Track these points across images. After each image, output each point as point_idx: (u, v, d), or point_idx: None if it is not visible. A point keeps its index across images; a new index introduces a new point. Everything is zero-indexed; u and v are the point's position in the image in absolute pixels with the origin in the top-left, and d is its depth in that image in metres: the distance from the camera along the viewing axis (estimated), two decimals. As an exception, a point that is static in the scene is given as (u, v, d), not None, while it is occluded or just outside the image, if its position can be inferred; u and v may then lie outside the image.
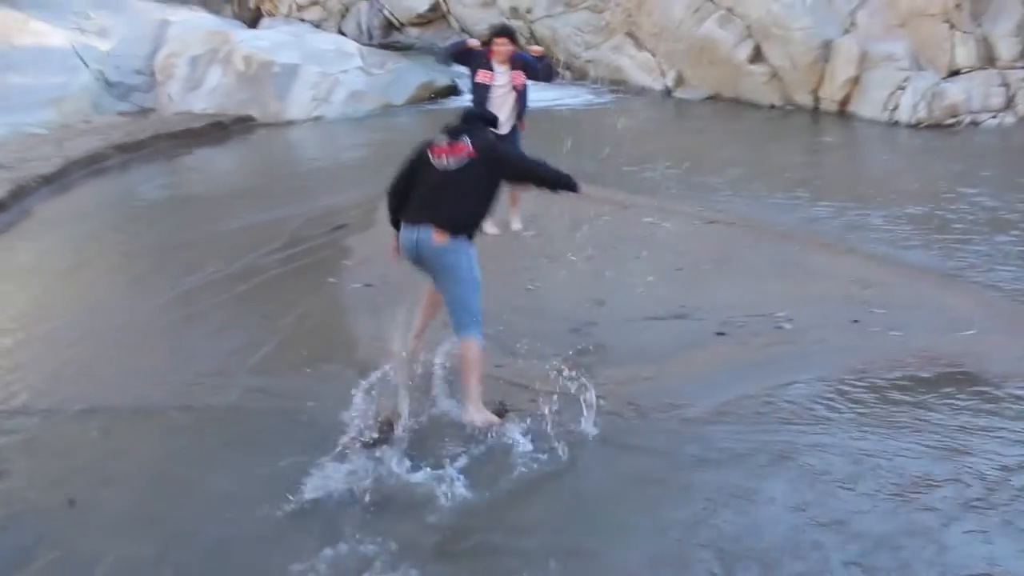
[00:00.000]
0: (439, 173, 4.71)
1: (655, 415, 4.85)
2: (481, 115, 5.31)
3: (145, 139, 12.62)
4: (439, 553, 3.84)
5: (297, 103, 14.61)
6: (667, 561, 3.74)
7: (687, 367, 5.40)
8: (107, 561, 3.84)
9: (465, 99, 12.93)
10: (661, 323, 6.04)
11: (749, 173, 10.37)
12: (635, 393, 5.06)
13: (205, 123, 13.69)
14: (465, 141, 4.76)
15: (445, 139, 4.80)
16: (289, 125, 14.36)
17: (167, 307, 6.89)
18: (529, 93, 7.70)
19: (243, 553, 3.90)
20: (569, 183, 4.86)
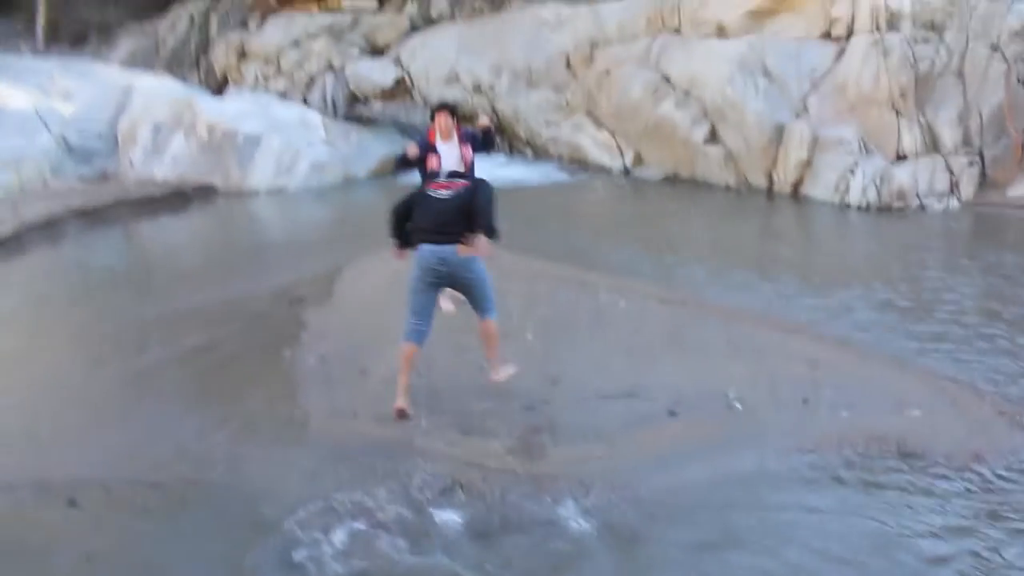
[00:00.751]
0: (440, 202, 5.80)
1: (606, 495, 4.85)
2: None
3: (104, 206, 12.58)
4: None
5: (259, 173, 14.66)
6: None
7: (639, 447, 5.43)
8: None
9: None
10: (614, 402, 6.08)
11: (704, 253, 10.59)
12: (588, 472, 5.06)
13: (166, 191, 13.70)
14: (459, 180, 6.01)
15: (443, 178, 6.05)
16: (251, 195, 14.39)
17: (121, 380, 6.78)
18: (496, 170, 7.81)
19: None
20: (493, 229, 5.78)
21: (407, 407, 5.82)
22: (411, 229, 5.87)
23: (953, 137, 13.81)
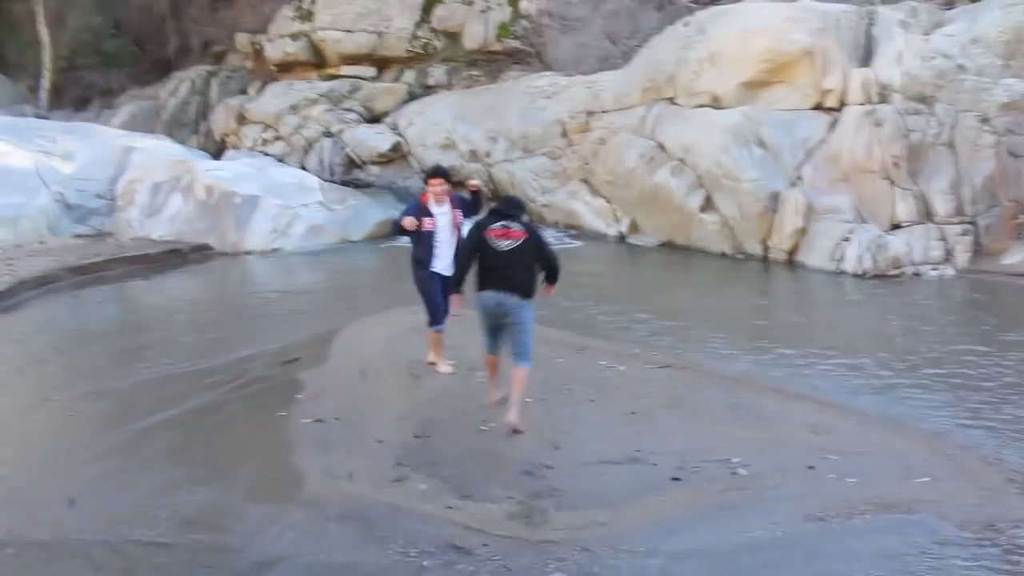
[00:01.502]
0: (502, 254, 6.39)
1: (609, 562, 4.72)
2: (515, 202, 6.92)
3: (100, 263, 12.57)
4: None
5: (256, 234, 14.70)
6: None
7: (643, 513, 5.31)
8: None
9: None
10: (616, 467, 5.97)
11: (701, 319, 10.54)
12: (590, 539, 4.93)
13: (162, 250, 13.70)
14: (517, 227, 6.48)
15: (500, 225, 6.48)
16: (246, 256, 14.39)
17: (119, 441, 6.64)
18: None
19: None
20: (556, 279, 6.59)
21: (499, 398, 6.77)
22: (483, 268, 6.51)
23: (946, 206, 13.93)
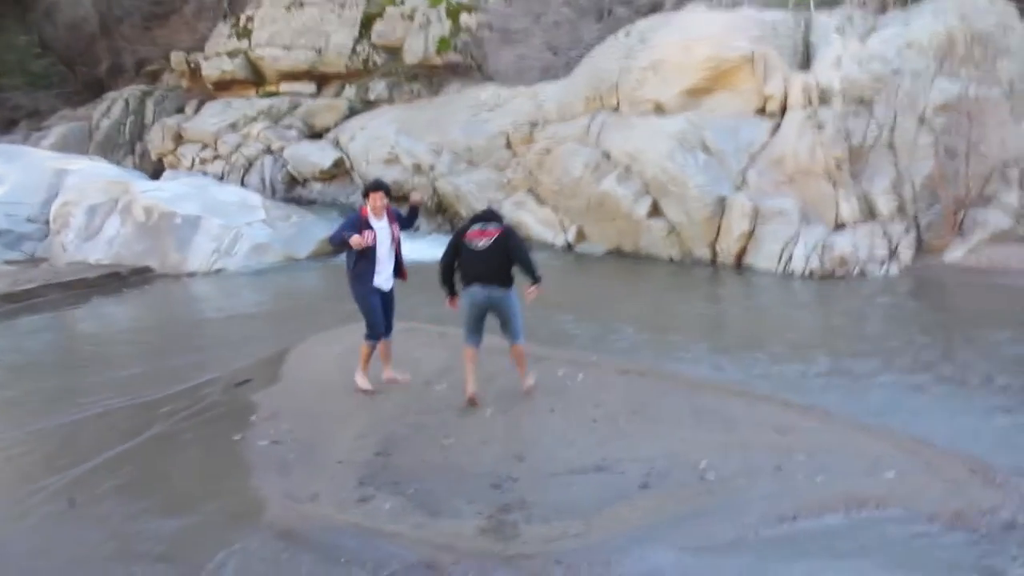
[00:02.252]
0: (480, 253, 7.01)
1: (587, 573, 4.59)
2: (492, 210, 7.51)
3: (34, 288, 12.10)
4: None
5: (198, 255, 14.34)
6: None
7: (615, 522, 5.19)
8: None
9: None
10: (584, 477, 5.86)
11: (655, 325, 10.53)
12: (564, 551, 4.81)
13: (100, 273, 13.27)
14: (493, 227, 7.12)
15: (477, 227, 7.09)
16: (189, 277, 14.01)
17: (49, 464, 6.32)
18: (433, 247, 7.86)
19: None
20: (536, 276, 7.15)
21: (475, 396, 7.13)
22: (460, 276, 7.13)
23: (888, 205, 14.19)
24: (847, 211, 14.14)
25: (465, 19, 21.48)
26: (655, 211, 15.15)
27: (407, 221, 7.75)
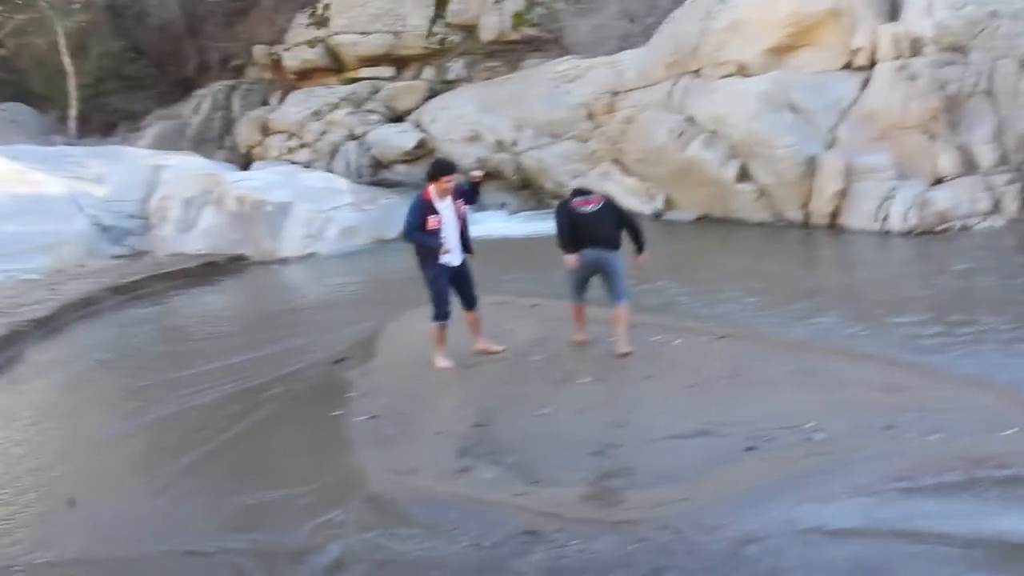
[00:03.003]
0: (589, 216, 7.46)
1: (696, 537, 4.52)
2: (586, 187, 8.29)
3: (139, 281, 12.57)
4: None
5: (290, 240, 14.65)
6: None
7: (721, 486, 5.09)
8: None
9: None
10: (686, 441, 5.77)
11: (750, 288, 10.28)
12: (671, 516, 4.74)
13: (198, 263, 13.68)
14: (595, 197, 7.71)
15: (580, 198, 7.64)
16: (283, 263, 14.34)
17: (165, 449, 6.57)
18: (521, 223, 7.86)
19: None
20: (642, 243, 7.81)
21: (586, 338, 7.84)
22: (576, 236, 7.44)
23: (990, 156, 13.53)
24: (945, 164, 13.54)
25: (539, -8, 21.31)
26: (743, 175, 14.79)
27: (470, 196, 7.70)
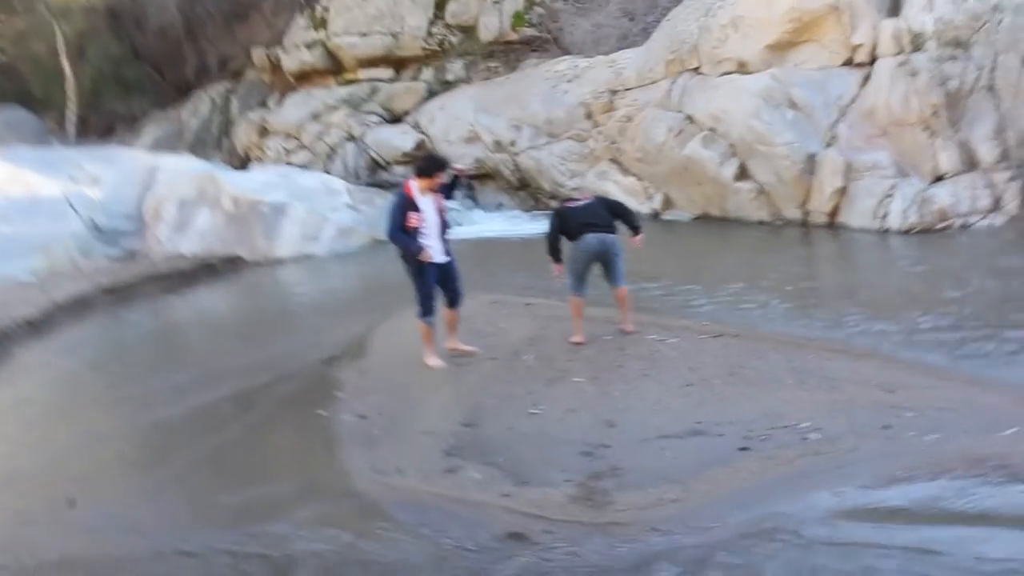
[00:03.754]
0: (582, 208, 7.86)
1: (685, 541, 4.39)
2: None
3: (133, 282, 12.46)
4: None
5: (286, 241, 14.54)
6: None
7: (714, 487, 4.96)
8: None
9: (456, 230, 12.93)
10: (679, 441, 5.64)
11: (748, 287, 10.15)
12: (661, 517, 4.61)
13: (194, 265, 13.57)
14: (583, 195, 8.34)
15: (571, 199, 8.15)
16: (278, 263, 14.22)
17: (153, 447, 6.46)
18: (518, 223, 7.81)
19: None
20: (638, 225, 8.17)
21: (583, 340, 7.74)
22: (573, 229, 7.67)
23: (991, 152, 13.37)
24: (946, 161, 13.39)
25: (538, -8, 21.19)
26: (742, 173, 14.65)
27: (448, 190, 7.61)
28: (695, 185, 15.15)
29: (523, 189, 18.49)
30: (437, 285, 7.50)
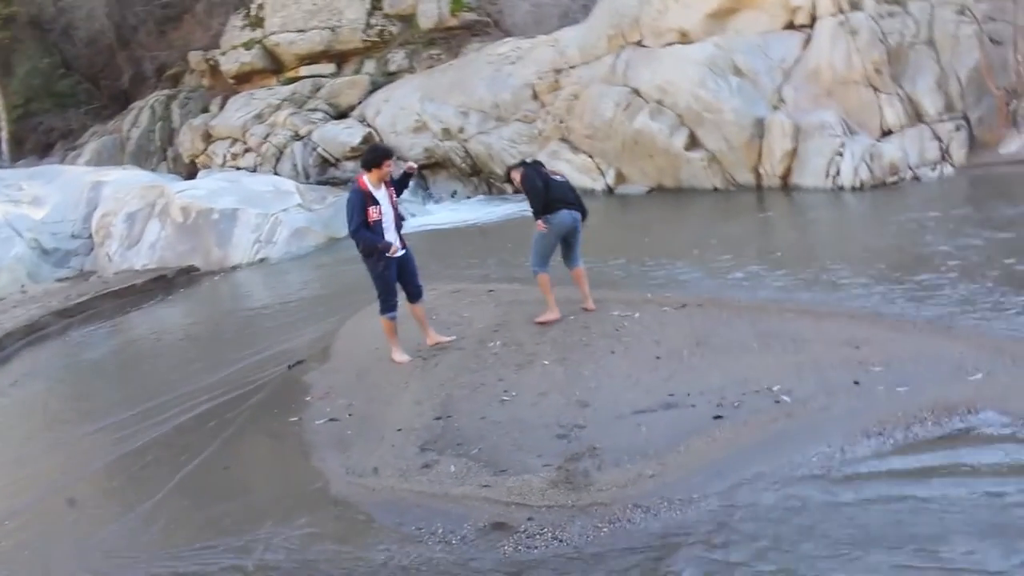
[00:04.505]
0: (562, 184, 7.83)
1: (668, 515, 4.38)
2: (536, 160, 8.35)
3: (85, 302, 12.15)
4: None
5: (240, 247, 14.29)
6: None
7: (691, 458, 4.96)
8: None
9: (411, 223, 12.81)
10: (653, 415, 5.63)
11: (708, 255, 10.19)
12: (641, 493, 4.60)
13: (147, 279, 13.28)
14: (553, 170, 8.13)
15: (545, 168, 7.94)
16: (234, 270, 13.98)
17: (129, 476, 6.28)
18: (472, 210, 7.68)
19: None
20: (586, 212, 7.99)
21: (559, 315, 7.75)
22: (552, 202, 7.58)
23: (935, 105, 13.59)
24: (892, 116, 13.58)
25: (475, -25, 21.04)
26: (693, 142, 14.71)
27: (400, 185, 7.55)
28: (647, 158, 15.17)
29: (476, 175, 18.38)
30: (397, 280, 7.41)
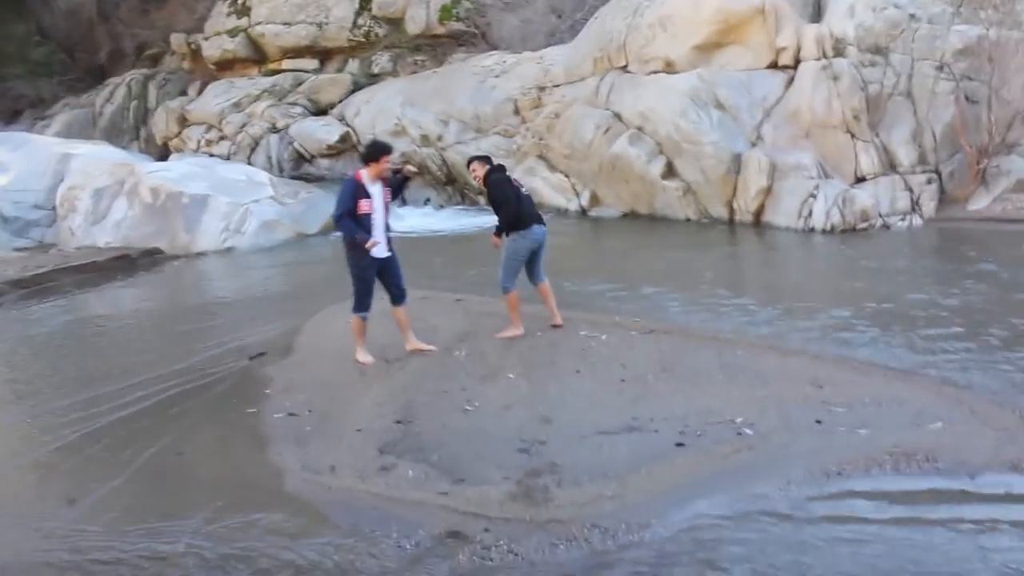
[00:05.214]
0: (527, 196, 7.78)
1: (624, 537, 4.37)
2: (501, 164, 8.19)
3: (43, 274, 11.85)
4: None
5: (207, 234, 14.08)
6: None
7: (651, 483, 4.96)
8: None
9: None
10: (615, 437, 5.62)
11: (677, 284, 10.24)
12: (599, 514, 4.58)
13: (109, 257, 13.01)
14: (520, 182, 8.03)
15: (512, 176, 7.85)
16: (199, 257, 13.78)
17: (66, 449, 6.12)
18: (446, 219, 7.69)
19: None
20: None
21: (521, 333, 7.73)
22: (523, 217, 7.49)
23: (909, 156, 13.84)
24: (867, 163, 13.81)
25: (466, -14, 21.07)
26: (669, 171, 14.81)
27: (396, 190, 7.54)
28: (623, 183, 15.25)
29: (450, 184, 18.35)
30: (379, 281, 7.33)
